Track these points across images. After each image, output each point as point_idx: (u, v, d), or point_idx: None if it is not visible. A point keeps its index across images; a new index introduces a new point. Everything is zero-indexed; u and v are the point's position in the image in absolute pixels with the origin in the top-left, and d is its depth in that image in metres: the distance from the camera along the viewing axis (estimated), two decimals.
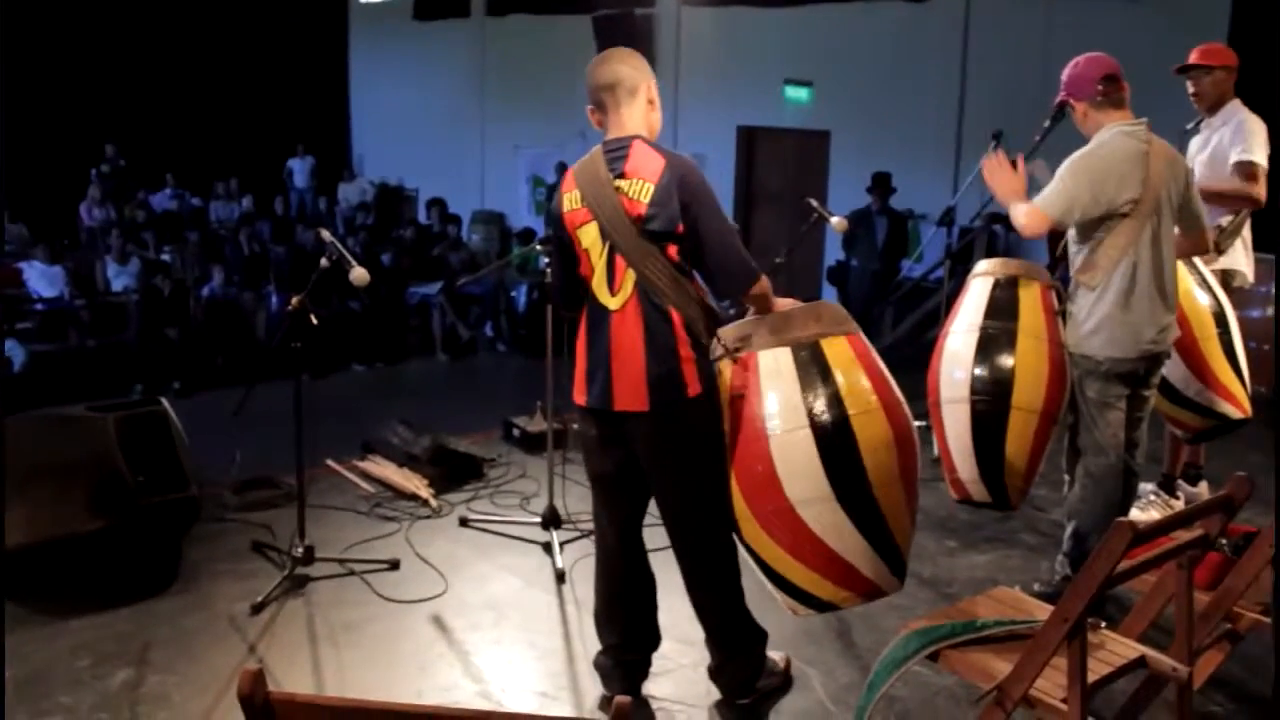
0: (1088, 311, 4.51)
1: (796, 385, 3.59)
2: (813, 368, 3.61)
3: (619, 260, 3.57)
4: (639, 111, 3.67)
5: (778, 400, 3.59)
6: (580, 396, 3.74)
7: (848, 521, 3.54)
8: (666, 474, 3.70)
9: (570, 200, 3.65)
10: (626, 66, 3.67)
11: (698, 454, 3.66)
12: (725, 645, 3.87)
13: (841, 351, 3.68)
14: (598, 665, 4.01)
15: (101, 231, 14.81)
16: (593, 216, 3.58)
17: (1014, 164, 4.69)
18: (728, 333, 3.70)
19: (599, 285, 3.63)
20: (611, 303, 3.61)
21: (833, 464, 3.52)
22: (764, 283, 3.65)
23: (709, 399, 3.63)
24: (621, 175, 3.56)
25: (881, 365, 3.77)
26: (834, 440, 3.53)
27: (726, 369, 3.69)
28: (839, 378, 3.61)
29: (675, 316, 3.56)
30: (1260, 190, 5.24)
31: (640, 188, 3.53)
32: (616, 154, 3.60)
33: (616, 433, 3.70)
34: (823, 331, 3.68)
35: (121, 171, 17.24)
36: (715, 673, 3.93)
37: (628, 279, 3.57)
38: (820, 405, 3.56)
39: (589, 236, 3.62)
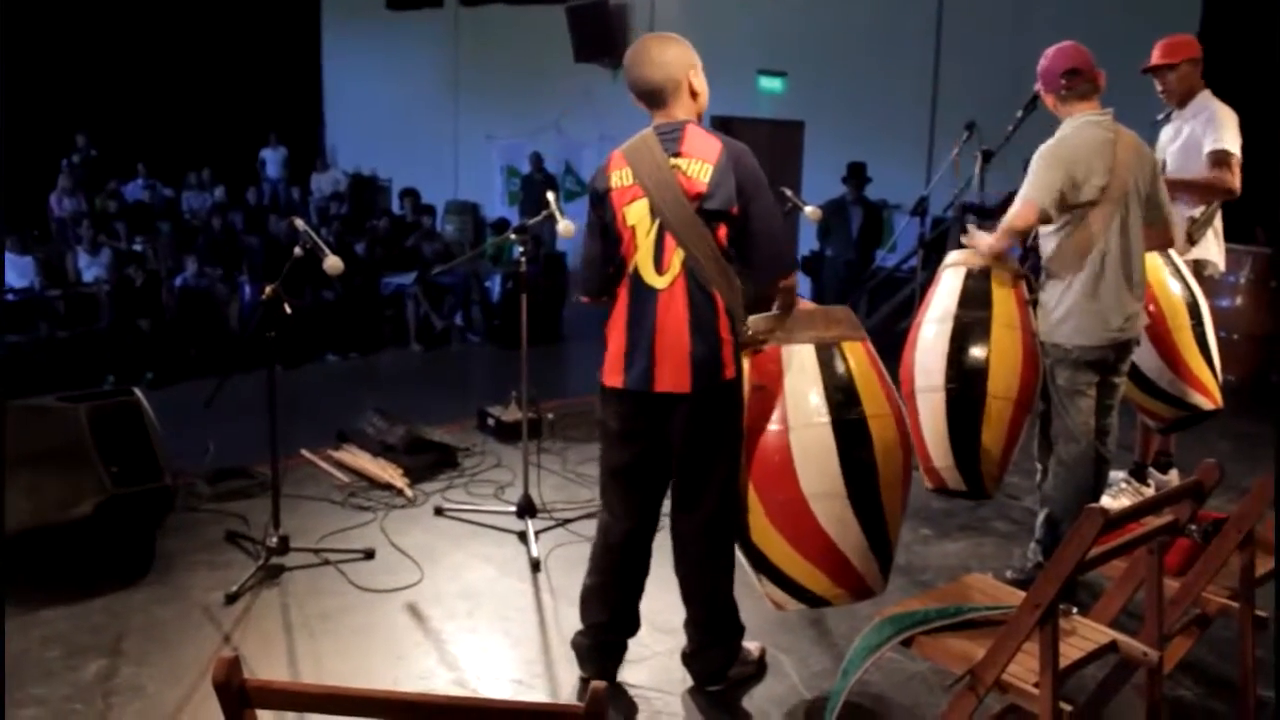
0: (1057, 300, 4.56)
1: (819, 381, 3.72)
2: (835, 366, 3.75)
3: (668, 239, 3.58)
4: (684, 101, 3.70)
5: (800, 394, 3.70)
6: (615, 378, 3.69)
7: (854, 518, 3.67)
8: (696, 457, 3.70)
9: (620, 177, 3.64)
10: (660, 71, 3.66)
11: (726, 438, 3.71)
12: (707, 631, 3.89)
13: (859, 355, 3.84)
14: (576, 645, 4.01)
15: (72, 221, 14.71)
16: (645, 193, 3.58)
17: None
18: (752, 323, 3.76)
19: (644, 264, 3.62)
20: (658, 282, 3.61)
21: (848, 461, 3.65)
22: (795, 275, 3.76)
23: (739, 384, 3.70)
24: (678, 154, 3.59)
25: (886, 373, 3.90)
26: (852, 438, 3.67)
27: (748, 358, 3.76)
28: (859, 379, 3.75)
29: (719, 299, 3.60)
30: (1235, 180, 5.28)
31: (699, 167, 3.56)
32: (670, 136, 3.63)
33: (650, 416, 3.68)
34: (844, 334, 3.83)
35: (92, 161, 17.13)
36: (689, 658, 3.96)
37: (676, 258, 3.58)
38: (841, 403, 3.70)
39: (637, 214, 3.61)
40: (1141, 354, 5.07)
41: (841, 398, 3.70)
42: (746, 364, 3.76)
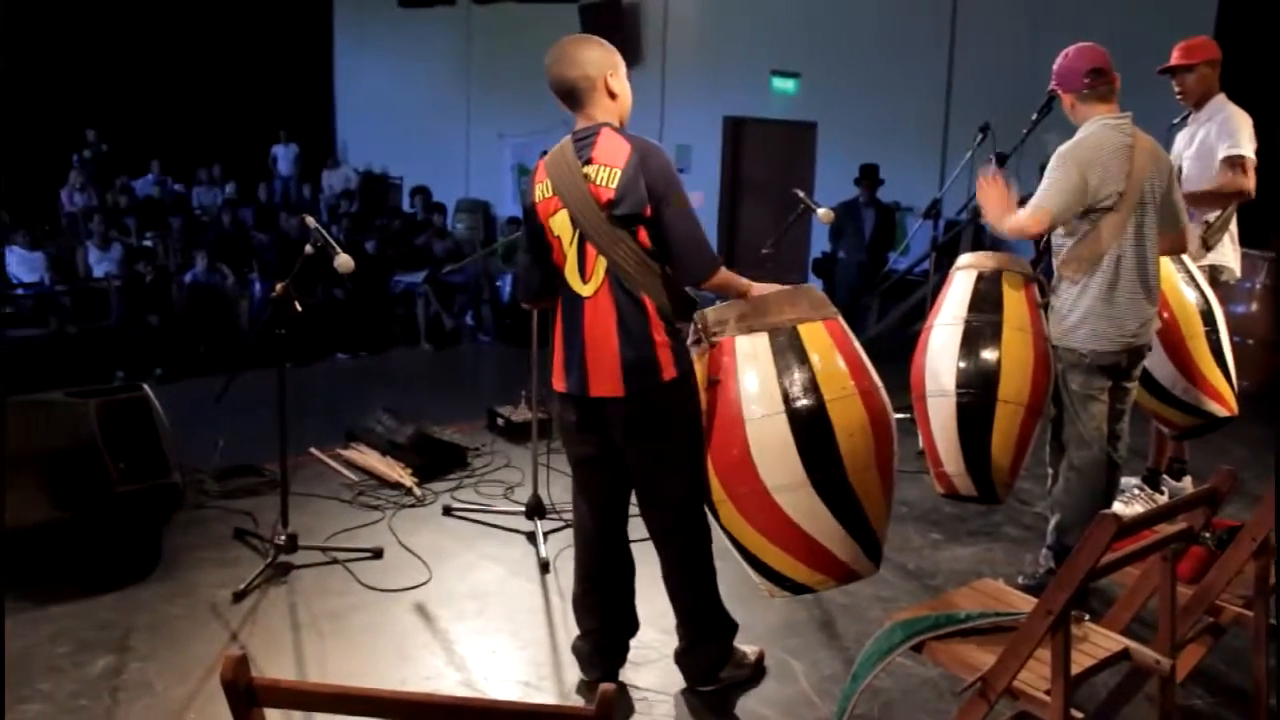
0: (1071, 304, 4.52)
1: (773, 370, 3.63)
2: (789, 353, 3.65)
3: (589, 248, 3.58)
4: (601, 104, 3.65)
5: (754, 385, 3.63)
6: (559, 383, 3.75)
7: (823, 506, 3.58)
8: (643, 458, 3.71)
9: (541, 190, 3.65)
10: (575, 69, 3.62)
11: (673, 437, 3.69)
12: (694, 629, 3.90)
13: (819, 337, 3.72)
14: (576, 650, 4.02)
15: (83, 217, 14.73)
16: (563, 204, 3.58)
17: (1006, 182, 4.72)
18: (705, 316, 3.73)
19: (571, 273, 3.64)
20: (584, 290, 3.62)
21: (808, 450, 3.56)
22: (724, 272, 3.66)
23: (685, 383, 3.66)
24: (589, 162, 3.56)
25: (860, 350, 3.80)
26: (809, 426, 3.57)
27: (703, 353, 3.71)
28: (816, 363, 3.65)
29: (648, 302, 3.58)
30: (1249, 182, 5.25)
31: (607, 174, 3.54)
32: (584, 141, 3.61)
33: (594, 418, 3.71)
34: (800, 317, 3.72)
35: (103, 157, 17.16)
36: (680, 656, 3.96)
37: (599, 266, 3.58)
38: (796, 391, 3.60)
39: (560, 225, 3.62)
40: (1155, 361, 5.03)
41: (796, 385, 3.60)
42: (704, 358, 3.72)
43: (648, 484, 3.77)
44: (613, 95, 3.66)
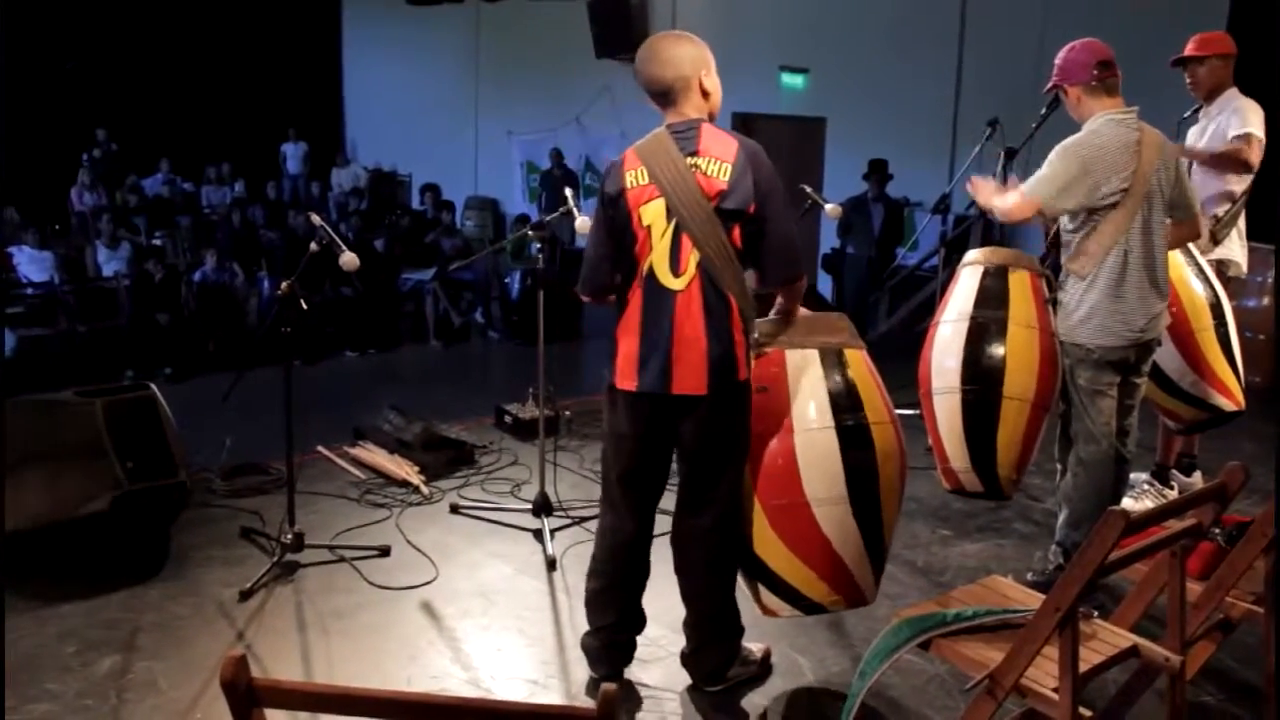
0: (1078, 300, 4.51)
1: (824, 387, 3.73)
2: (838, 373, 3.76)
3: (685, 239, 3.55)
4: (695, 99, 3.66)
5: (805, 398, 3.70)
6: (628, 381, 3.65)
7: (854, 524, 3.67)
8: (706, 457, 3.69)
9: (634, 177, 3.60)
10: (671, 70, 3.63)
11: (737, 439, 3.70)
12: (707, 632, 3.88)
13: (860, 363, 3.84)
14: (585, 647, 4.00)
15: (92, 216, 14.74)
16: (661, 193, 3.55)
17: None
18: (758, 326, 3.77)
19: (660, 265, 3.59)
20: (675, 283, 3.58)
21: (851, 466, 3.65)
22: (804, 281, 3.78)
23: (749, 385, 3.69)
24: (695, 153, 3.56)
25: (882, 383, 3.90)
26: (855, 443, 3.67)
27: (751, 361, 3.74)
28: (860, 386, 3.76)
29: (732, 300, 3.58)
30: (1255, 156, 5.26)
31: (717, 166, 3.54)
32: (685, 135, 3.60)
33: (663, 418, 3.66)
34: (845, 342, 3.84)
35: (112, 156, 17.17)
36: (689, 658, 3.94)
37: (692, 259, 3.55)
38: (845, 408, 3.70)
39: (652, 214, 3.58)
40: (1163, 355, 5.02)
41: (845, 403, 3.70)
42: (752, 366, 3.74)
43: (701, 484, 3.73)
44: (705, 93, 3.68)
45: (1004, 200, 4.52)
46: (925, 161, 11.66)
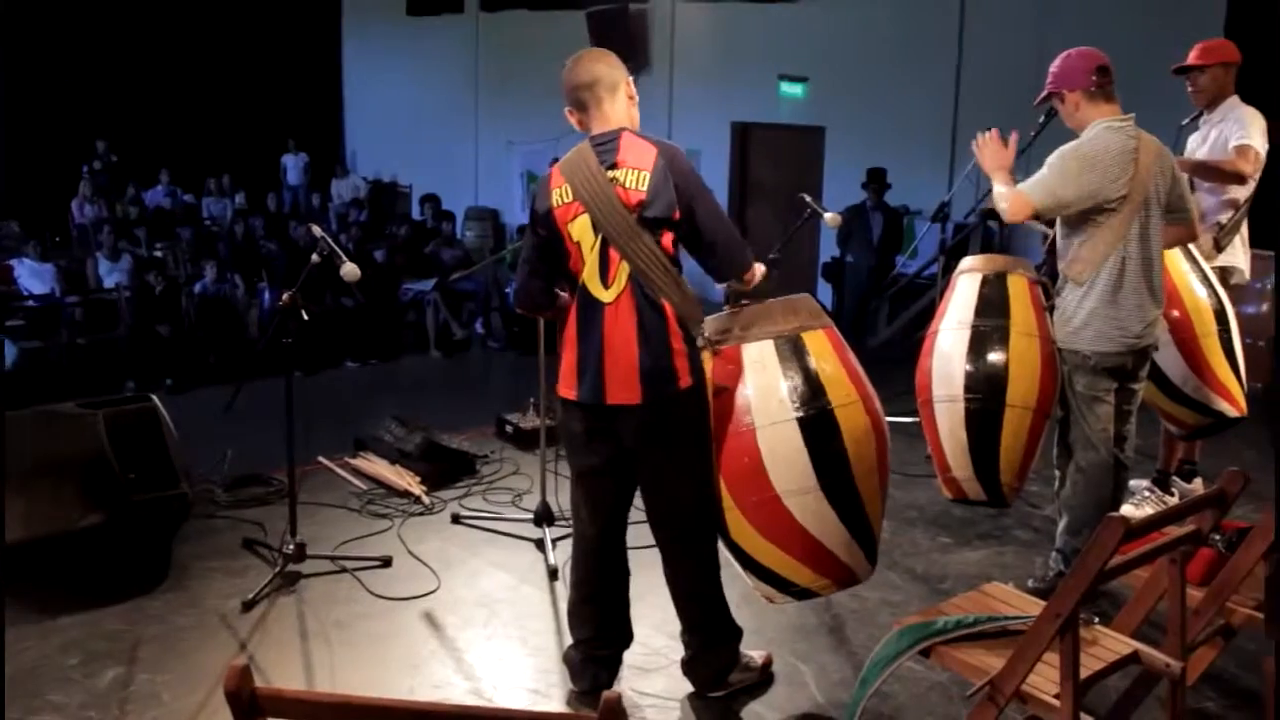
0: (1075, 306, 4.52)
1: (781, 377, 3.69)
2: (795, 360, 3.71)
3: (612, 252, 3.57)
4: (620, 106, 3.68)
5: (763, 392, 3.67)
6: (568, 390, 3.72)
7: (830, 510, 3.64)
8: (657, 466, 3.71)
9: (560, 195, 3.62)
10: (603, 65, 3.68)
11: (688, 445, 3.69)
12: (702, 638, 3.89)
13: (821, 344, 3.79)
14: (566, 660, 4.01)
15: (93, 228, 14.76)
16: (585, 209, 3.57)
17: (1005, 141, 4.71)
18: (709, 325, 3.74)
19: (591, 278, 3.62)
20: (605, 295, 3.60)
21: (818, 455, 3.62)
22: (757, 266, 3.75)
23: (699, 391, 3.67)
24: (614, 166, 3.57)
25: (854, 358, 3.86)
26: (819, 431, 3.63)
27: (708, 361, 3.73)
28: (821, 370, 3.72)
29: (668, 308, 3.58)
30: (1249, 167, 5.25)
31: (635, 176, 3.54)
32: (605, 146, 3.61)
33: (606, 427, 3.69)
34: (802, 325, 3.79)
35: (113, 168, 17.20)
36: (688, 665, 3.95)
37: (621, 271, 3.57)
38: (805, 397, 3.66)
39: (579, 229, 3.60)
40: (1167, 360, 5.03)
41: (805, 391, 3.66)
42: (709, 366, 3.73)
43: (659, 492, 3.76)
44: (631, 97, 3.71)
45: (1001, 188, 4.52)
46: (924, 170, 11.67)
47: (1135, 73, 4.58)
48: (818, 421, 3.63)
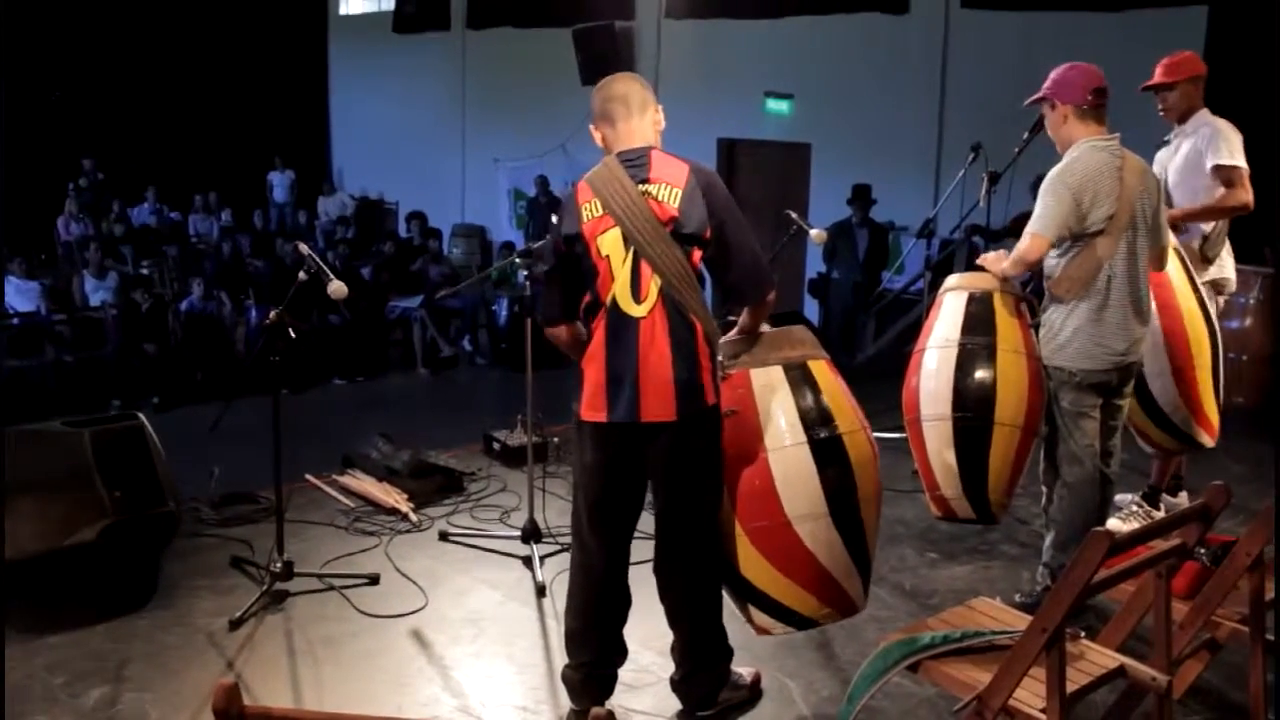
0: (1061, 323, 4.54)
1: (792, 403, 3.72)
2: (804, 386, 3.75)
3: (644, 266, 3.55)
4: (649, 125, 3.71)
5: (776, 416, 3.70)
6: (595, 412, 3.63)
7: (838, 537, 3.68)
8: (680, 485, 3.68)
9: (590, 209, 3.60)
10: (638, 84, 3.74)
11: (710, 465, 3.69)
12: (697, 657, 3.86)
13: (824, 373, 3.84)
14: (566, 680, 3.95)
15: (79, 246, 14.74)
16: (616, 223, 3.55)
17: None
18: (720, 348, 3.75)
19: (622, 294, 3.57)
20: (637, 310, 3.56)
21: (829, 480, 3.66)
22: (773, 293, 3.77)
23: (719, 409, 3.67)
24: (646, 180, 3.57)
25: (849, 389, 3.91)
26: (830, 456, 3.67)
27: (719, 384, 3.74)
28: (828, 397, 3.75)
29: (697, 324, 3.58)
30: (1248, 195, 5.23)
31: (669, 192, 3.55)
32: (636, 162, 3.61)
33: (634, 448, 3.64)
34: (807, 354, 3.83)
35: (99, 185, 17.18)
36: (679, 683, 3.92)
37: (653, 285, 3.55)
38: (816, 422, 3.69)
39: (610, 244, 3.57)
40: (1159, 387, 5.04)
41: (815, 416, 3.70)
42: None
43: (677, 511, 3.72)
44: (658, 123, 3.74)
45: (1013, 257, 4.55)
46: (910, 186, 11.72)
47: (1117, 91, 4.60)
48: (828, 446, 3.67)
